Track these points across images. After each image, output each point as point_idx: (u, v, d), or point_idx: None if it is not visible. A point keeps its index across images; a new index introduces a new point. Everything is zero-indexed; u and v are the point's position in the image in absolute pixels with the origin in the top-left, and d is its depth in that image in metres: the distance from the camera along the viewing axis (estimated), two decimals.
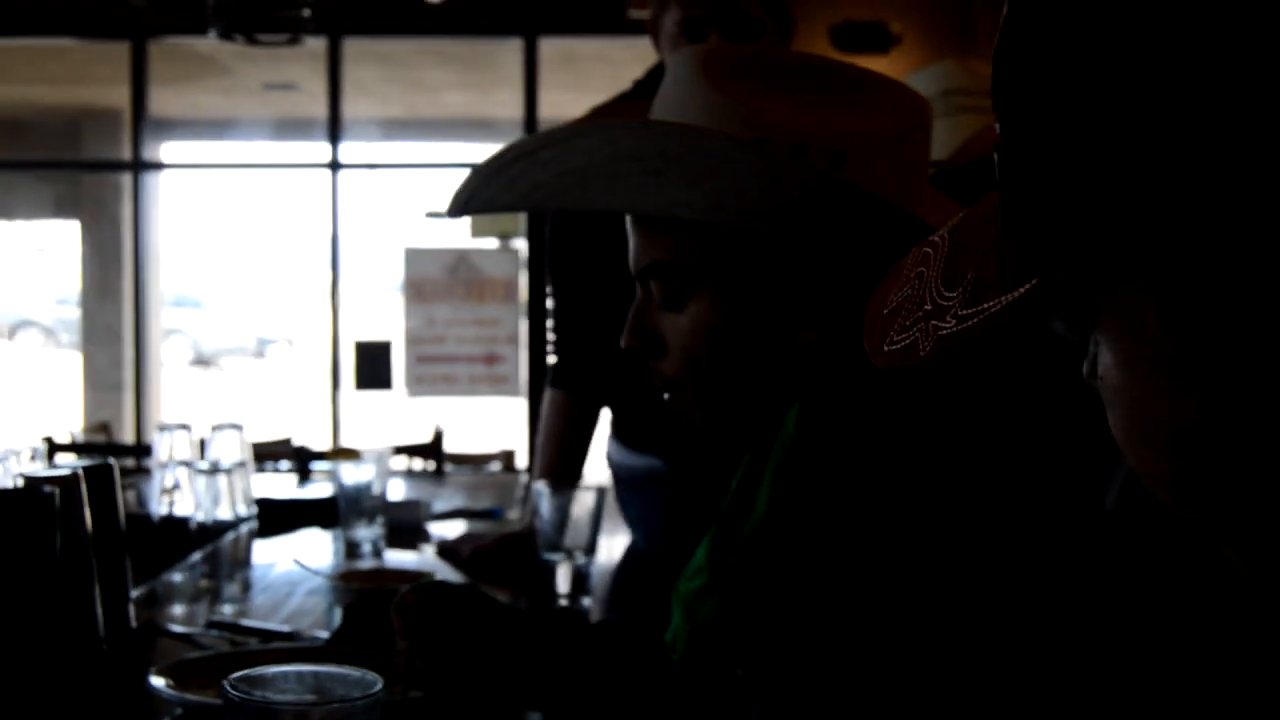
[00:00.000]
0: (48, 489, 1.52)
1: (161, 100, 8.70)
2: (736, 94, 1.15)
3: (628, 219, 1.23)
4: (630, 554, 2.48)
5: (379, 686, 0.99)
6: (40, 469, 2.00)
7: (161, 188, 9.09)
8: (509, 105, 7.95)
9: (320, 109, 8.09)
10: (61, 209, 9.81)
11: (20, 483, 1.62)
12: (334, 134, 8.10)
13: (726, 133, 1.12)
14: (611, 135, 1.14)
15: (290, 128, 9.59)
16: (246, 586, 2.28)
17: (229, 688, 0.96)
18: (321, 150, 8.18)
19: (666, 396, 1.23)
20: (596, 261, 2.40)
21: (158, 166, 8.88)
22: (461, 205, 1.24)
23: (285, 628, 1.86)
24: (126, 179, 8.81)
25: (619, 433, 2.47)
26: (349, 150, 8.27)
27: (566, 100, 3.34)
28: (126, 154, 8.76)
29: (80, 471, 1.65)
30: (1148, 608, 0.90)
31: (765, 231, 1.12)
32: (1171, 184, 0.45)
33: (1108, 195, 0.46)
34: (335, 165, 8.10)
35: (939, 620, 0.93)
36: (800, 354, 1.15)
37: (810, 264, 1.13)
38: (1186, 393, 0.48)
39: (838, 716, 0.99)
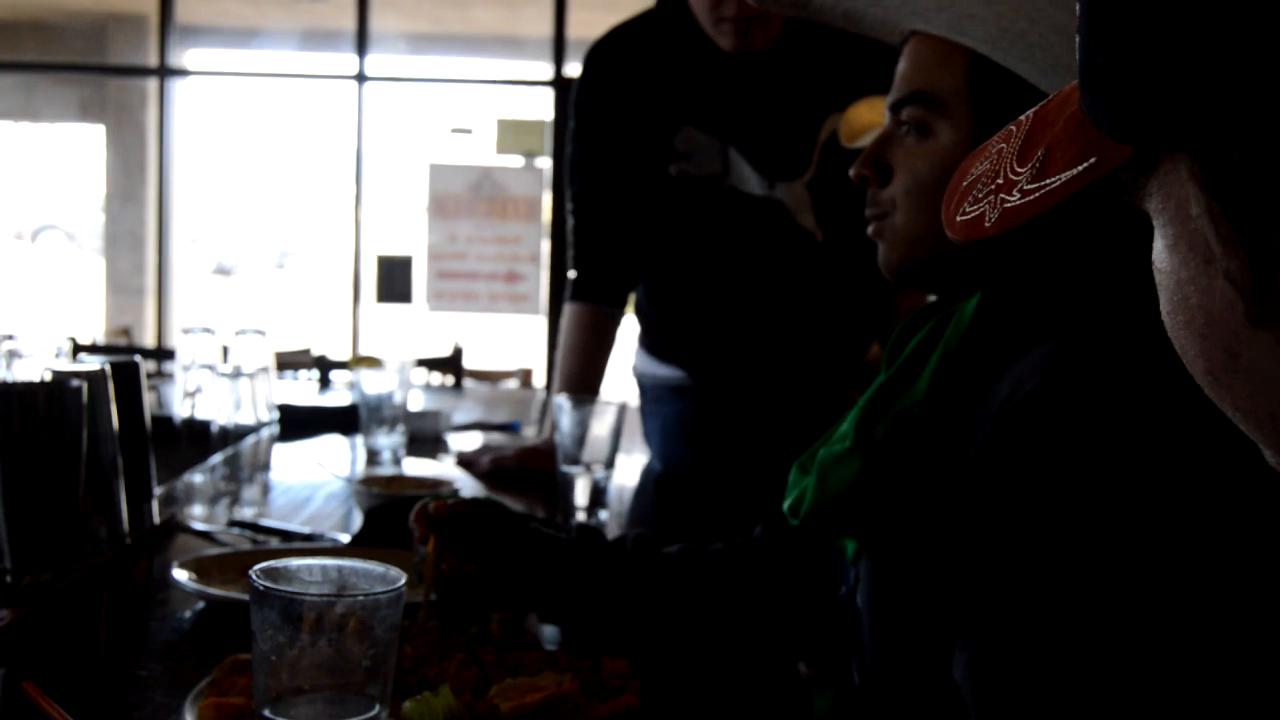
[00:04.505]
0: (76, 383, 1.53)
1: (188, 7, 8.65)
2: None
3: (909, 44, 1.20)
4: (648, 474, 2.49)
5: (402, 581, 1.00)
6: (67, 364, 2.02)
7: (187, 95, 9.06)
8: (538, 23, 7.89)
9: (348, 21, 8.03)
10: (87, 113, 9.76)
11: (49, 377, 1.63)
12: (361, 46, 8.05)
13: None
14: None
15: (317, 38, 9.51)
16: (266, 489, 2.30)
17: (256, 578, 0.98)
18: (348, 62, 8.14)
19: (870, 229, 1.22)
20: (616, 174, 2.40)
21: (183, 73, 8.84)
22: None
23: (305, 529, 1.88)
24: (152, 84, 8.79)
25: (647, 343, 2.47)
26: (375, 63, 8.21)
27: (596, 19, 3.31)
28: (153, 59, 8.72)
29: (107, 367, 1.67)
30: None
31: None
32: (1221, 60, 0.44)
33: (1161, 71, 0.46)
34: (361, 78, 8.05)
35: (1089, 528, 0.89)
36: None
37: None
38: (1221, 278, 0.48)
39: (961, 606, 0.98)
